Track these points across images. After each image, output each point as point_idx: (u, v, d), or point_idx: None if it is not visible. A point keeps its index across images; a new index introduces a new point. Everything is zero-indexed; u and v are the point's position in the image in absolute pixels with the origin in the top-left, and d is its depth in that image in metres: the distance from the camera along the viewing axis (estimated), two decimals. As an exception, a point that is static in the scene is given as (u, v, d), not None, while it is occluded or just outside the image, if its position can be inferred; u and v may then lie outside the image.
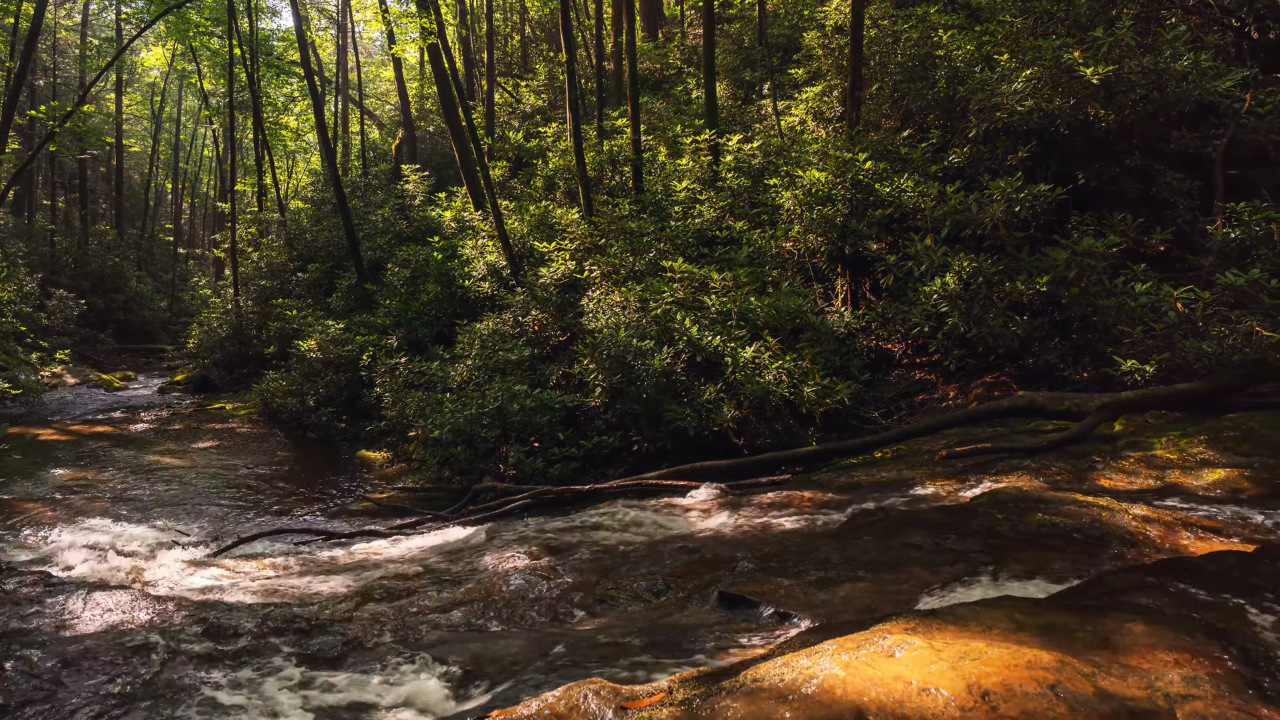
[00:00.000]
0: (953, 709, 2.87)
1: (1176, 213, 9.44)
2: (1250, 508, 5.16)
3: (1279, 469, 5.65)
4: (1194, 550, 4.49)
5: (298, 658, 4.56)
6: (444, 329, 15.12)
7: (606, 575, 6.00)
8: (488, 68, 25.03)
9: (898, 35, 13.36)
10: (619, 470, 9.51)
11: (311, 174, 42.33)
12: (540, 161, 20.76)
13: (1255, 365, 6.86)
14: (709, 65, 15.74)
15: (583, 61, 27.56)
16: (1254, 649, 3.20)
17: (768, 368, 8.84)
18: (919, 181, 9.89)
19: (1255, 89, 10.04)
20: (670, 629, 4.91)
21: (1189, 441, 6.19)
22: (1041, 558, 4.69)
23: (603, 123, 20.04)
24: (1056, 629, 3.37)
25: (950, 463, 6.86)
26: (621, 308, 11.00)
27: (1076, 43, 10.40)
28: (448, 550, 7.34)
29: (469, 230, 17.88)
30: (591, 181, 16.95)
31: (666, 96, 21.87)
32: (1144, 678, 2.99)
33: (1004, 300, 8.61)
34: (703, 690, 3.58)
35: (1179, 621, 3.39)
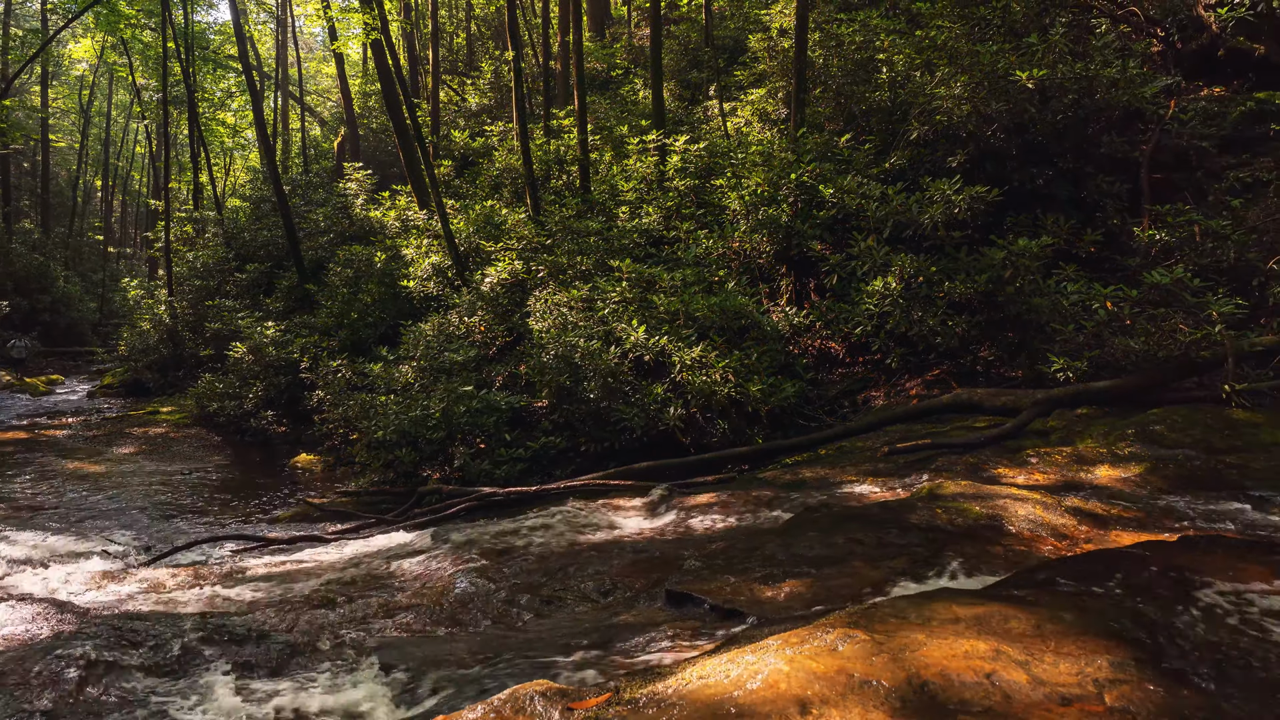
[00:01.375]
0: (893, 700, 2.91)
1: (1106, 214, 9.77)
2: (1174, 499, 5.36)
3: (1201, 461, 5.89)
4: (1121, 541, 4.65)
5: (234, 667, 4.43)
6: (388, 330, 14.88)
7: (554, 577, 5.96)
8: (433, 65, 24.69)
9: (841, 40, 13.57)
10: (566, 471, 9.46)
11: (250, 171, 41.26)
12: (486, 161, 20.58)
13: (1179, 361, 7.14)
14: (656, 66, 15.78)
15: (529, 61, 27.39)
16: (1176, 634, 3.32)
17: (714, 367, 8.89)
18: (862, 183, 10.06)
19: (1178, 96, 10.45)
20: (618, 628, 4.90)
21: (1117, 435, 6.41)
22: (979, 550, 4.80)
23: (549, 122, 19.94)
24: (992, 619, 3.45)
25: (892, 459, 6.99)
26: (568, 308, 10.96)
27: (1012, 49, 10.69)
28: (392, 555, 7.22)
29: (413, 230, 17.62)
30: (538, 181, 16.85)
31: (614, 97, 21.86)
32: (1075, 664, 3.08)
33: (943, 299, 8.81)
34: (649, 689, 3.58)
35: (1107, 610, 3.50)
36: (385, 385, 11.37)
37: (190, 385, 17.69)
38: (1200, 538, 4.52)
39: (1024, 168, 10.35)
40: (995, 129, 10.36)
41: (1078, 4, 12.15)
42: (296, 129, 39.20)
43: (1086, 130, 10.49)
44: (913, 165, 10.96)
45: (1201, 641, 3.26)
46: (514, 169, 18.54)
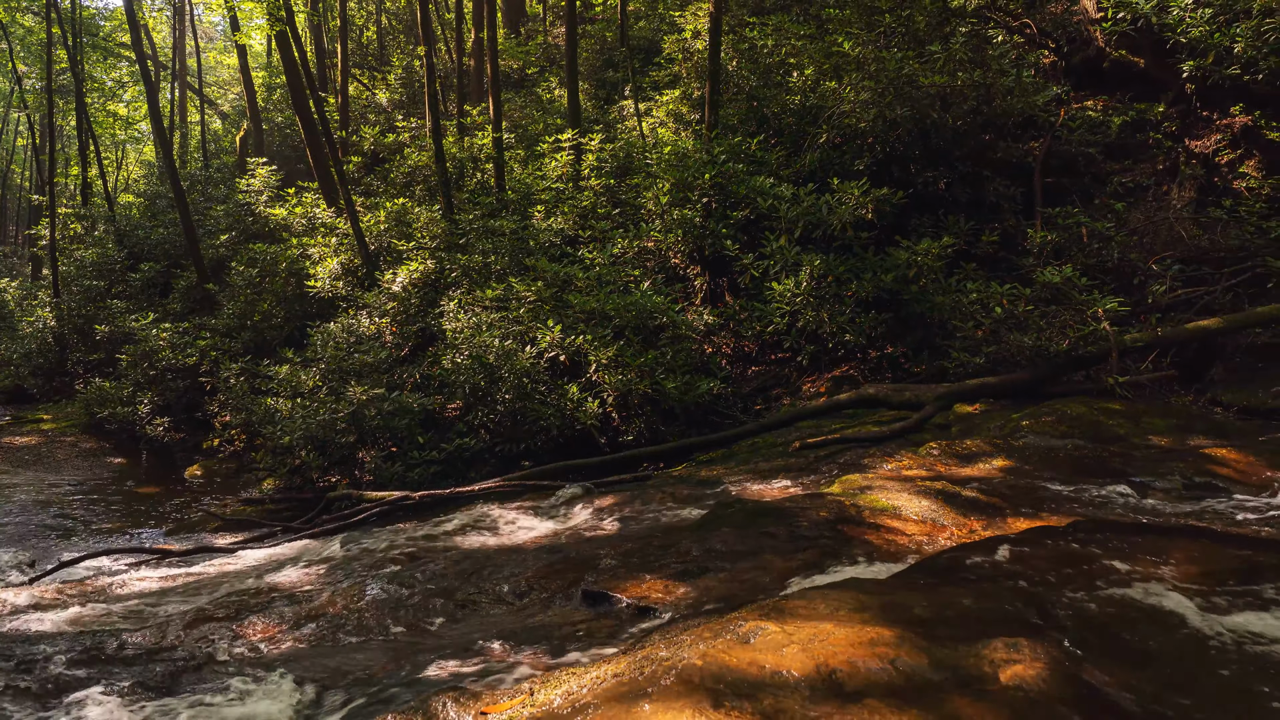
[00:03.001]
0: (803, 689, 2.97)
1: (1003, 216, 10.23)
2: (1065, 486, 5.64)
3: (1089, 450, 6.22)
4: (1016, 528, 4.86)
5: (122, 688, 4.19)
6: (294, 331, 14.38)
7: (468, 580, 5.87)
8: (341, 59, 23.97)
9: (753, 44, 13.81)
10: (482, 473, 9.33)
11: (145, 166, 39.24)
12: (398, 158, 20.10)
13: (1068, 356, 7.54)
14: (571, 65, 15.72)
15: (443, 57, 26.91)
16: (1066, 614, 3.48)
17: (630, 366, 8.91)
18: (774, 184, 10.25)
19: (1068, 105, 11.02)
20: (533, 630, 4.86)
21: (1012, 427, 6.72)
22: (884, 541, 4.95)
23: (463, 119, 19.64)
24: (897, 607, 3.55)
25: (803, 454, 7.15)
26: (483, 308, 10.81)
27: (915, 57, 11.09)
28: (298, 563, 6.97)
29: (321, 228, 17.07)
30: (452, 179, 16.57)
31: (529, 95, 21.68)
32: (972, 646, 3.19)
33: (852, 298, 9.07)
34: (563, 689, 3.55)
35: (1002, 593, 3.65)
36: (291, 388, 10.98)
37: (79, 391, 16.69)
38: (1088, 522, 4.77)
39: (927, 171, 10.74)
40: (900, 134, 10.72)
41: (976, 15, 12.69)
42: (195, 122, 37.46)
43: (985, 136, 10.97)
44: (823, 167, 11.23)
45: (1089, 620, 3.44)
46: (426, 167, 18.17)
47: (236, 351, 13.87)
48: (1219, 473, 5.45)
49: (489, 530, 6.90)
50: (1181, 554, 3.91)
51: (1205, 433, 6.23)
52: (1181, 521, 4.88)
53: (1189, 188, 9.81)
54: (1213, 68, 9.69)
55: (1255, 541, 4.28)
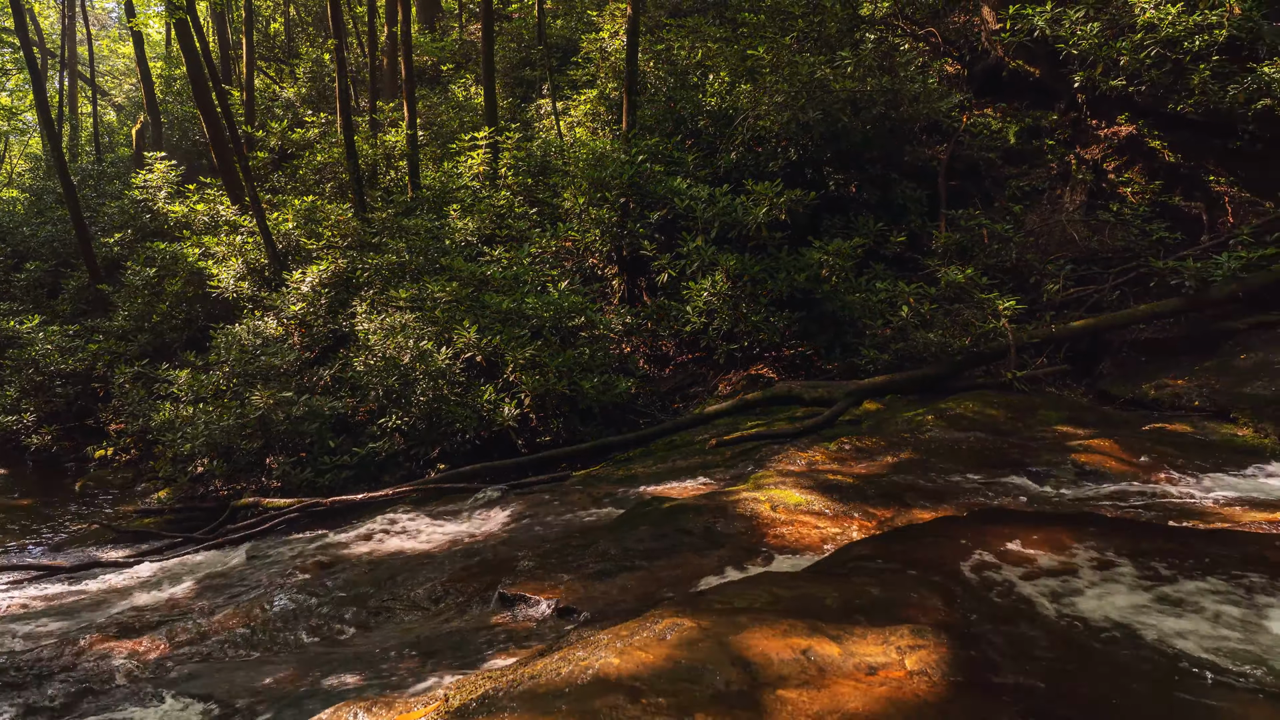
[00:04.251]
0: (718, 683, 3.00)
1: (910, 218, 10.58)
2: (967, 477, 5.88)
3: (989, 442, 6.50)
4: (923, 518, 5.03)
5: (10, 717, 3.93)
6: (197, 333, 13.76)
7: (382, 587, 5.74)
8: (247, 50, 23.05)
9: (671, 45, 13.91)
10: (396, 476, 9.12)
11: (30, 159, 36.90)
12: (307, 154, 19.45)
13: (970, 352, 7.86)
14: (488, 62, 15.52)
15: (354, 51, 26.19)
16: (967, 600, 3.62)
17: (548, 366, 8.86)
18: (691, 185, 10.34)
19: (970, 111, 11.48)
20: (449, 635, 4.78)
21: (919, 421, 6.97)
22: (798, 535, 5.05)
23: (376, 116, 19.16)
24: (810, 599, 3.63)
25: (720, 451, 7.24)
26: (397, 308, 10.57)
27: (827, 62, 11.36)
28: (201, 575, 6.69)
29: (225, 226, 16.38)
30: (364, 177, 16.14)
31: (444, 92, 21.31)
32: (880, 634, 3.29)
33: (767, 297, 9.23)
34: (480, 694, 3.50)
35: (908, 582, 3.77)
36: (193, 393, 10.50)
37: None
38: (989, 511, 4.98)
39: (838, 173, 11.03)
40: (812, 137, 10.97)
41: (883, 23, 13.10)
42: (87, 114, 35.45)
43: (893, 140, 11.33)
44: (738, 169, 11.40)
45: (988, 605, 3.58)
46: (337, 164, 17.64)
47: (132, 355, 13.17)
48: (1106, 462, 5.77)
49: (403, 535, 6.76)
50: (1072, 539, 4.11)
51: (1095, 424, 6.59)
52: (1073, 509, 5.14)
53: (1080, 192, 10.35)
54: (1101, 78, 10.24)
55: (1137, 526, 4.55)
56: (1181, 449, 5.89)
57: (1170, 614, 3.37)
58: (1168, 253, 8.79)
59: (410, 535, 6.76)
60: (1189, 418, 6.63)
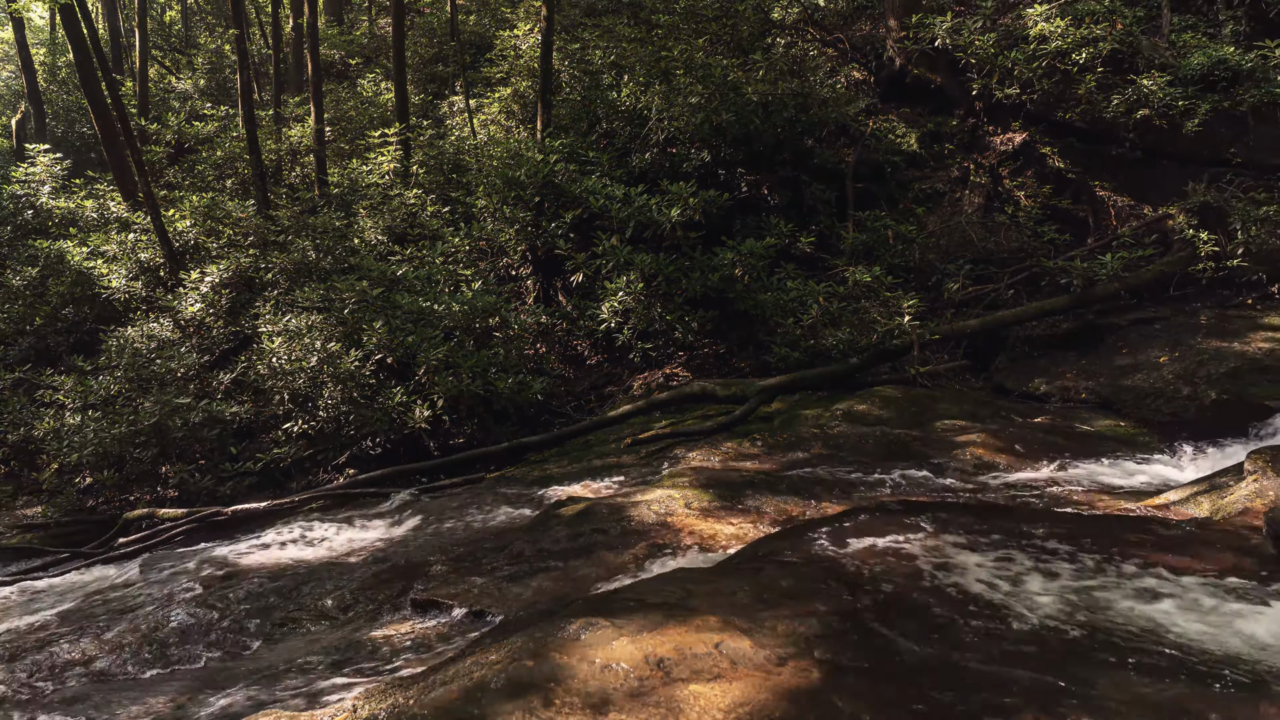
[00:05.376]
0: (632, 680, 3.01)
1: (819, 219, 10.86)
2: (873, 470, 6.07)
3: (894, 436, 6.73)
4: (831, 511, 5.17)
5: None
6: (85, 337, 13.01)
7: (288, 597, 5.55)
8: (140, 39, 21.91)
9: (586, 44, 13.90)
10: (304, 482, 8.84)
11: (-103, 151, 34.16)
12: (207, 149, 18.63)
13: (877, 349, 8.13)
14: (398, 57, 15.18)
15: (258, 42, 25.22)
16: (871, 590, 3.74)
17: (461, 367, 8.73)
18: (606, 184, 10.35)
19: (876, 116, 11.84)
20: (359, 644, 4.66)
21: (829, 417, 7.16)
22: (712, 530, 5.12)
23: (281, 110, 18.50)
24: (722, 593, 3.68)
25: (635, 449, 7.28)
26: (303, 309, 10.23)
27: (739, 65, 11.55)
28: (90, 592, 6.33)
29: (117, 223, 15.53)
30: (268, 173, 15.57)
31: (353, 87, 20.73)
32: (790, 625, 3.36)
33: (681, 296, 9.34)
34: (389, 703, 3.43)
35: (815, 574, 3.86)
36: (82, 399, 9.92)
37: None
38: (894, 503, 5.14)
39: (751, 175, 11.23)
40: (726, 138, 11.13)
41: (794, 28, 13.41)
42: (-39, 102, 33.04)
43: (803, 143, 11.60)
44: (654, 169, 11.47)
45: (890, 593, 3.70)
46: (239, 159, 16.95)
47: (13, 361, 12.35)
48: (1001, 454, 6.05)
49: (311, 544, 6.55)
50: (969, 526, 4.29)
51: (991, 418, 6.90)
52: (971, 499, 5.37)
53: (978, 195, 10.82)
54: (997, 87, 10.74)
55: (1030, 512, 4.78)
56: (1068, 440, 6.23)
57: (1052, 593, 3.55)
58: (1058, 253, 9.28)
59: (318, 543, 6.56)
60: (1076, 410, 7.01)
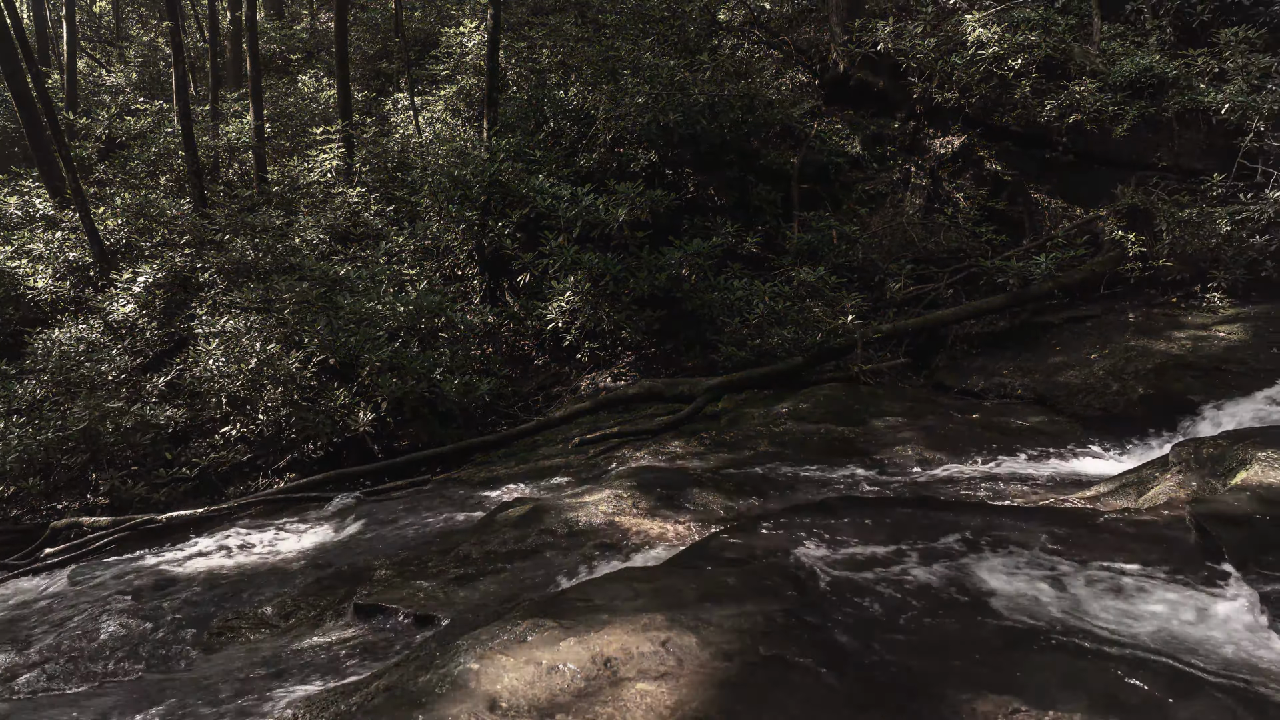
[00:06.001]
0: (579, 681, 3.00)
1: (765, 219, 10.97)
2: (818, 467, 6.17)
3: (838, 433, 6.84)
4: (776, 507, 5.23)
5: None
6: (9, 340, 12.48)
7: (225, 606, 5.42)
8: (68, 29, 21.11)
9: (533, 43, 13.84)
10: (243, 487, 8.62)
11: None
12: (140, 145, 18.02)
13: (821, 347, 8.26)
14: (341, 53, 14.91)
15: (194, 35, 24.49)
16: (815, 585, 3.79)
17: (406, 368, 8.61)
18: (553, 184, 10.31)
19: (820, 118, 12.01)
20: (300, 653, 4.57)
21: (775, 415, 7.26)
22: (659, 529, 5.13)
23: (218, 105, 17.99)
24: (669, 592, 3.69)
25: (582, 449, 7.27)
26: (242, 309, 9.97)
27: (686, 65, 11.61)
28: (14, 605, 6.08)
29: (43, 221, 14.93)
30: (205, 170, 15.14)
31: (294, 83, 20.28)
32: (736, 621, 3.39)
33: (629, 296, 9.35)
34: (332, 712, 3.38)
35: (761, 571, 3.90)
36: (5, 404, 9.51)
37: None
38: (837, 499, 5.23)
39: (698, 175, 11.29)
40: (673, 139, 11.18)
41: (740, 30, 13.52)
42: (-127, 93, 31.39)
43: (750, 144, 11.70)
44: (601, 168, 11.46)
45: (834, 587, 3.77)
46: (175, 155, 16.44)
47: (-70, 365, 11.78)
48: (940, 449, 6.20)
49: (250, 550, 6.39)
50: (909, 521, 4.39)
51: (931, 413, 7.06)
52: (911, 493, 5.48)
53: (919, 196, 11.06)
54: (937, 91, 10.98)
55: (967, 506, 4.90)
56: (1005, 435, 6.41)
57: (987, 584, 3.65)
58: (995, 253, 9.53)
59: (258, 549, 6.40)
60: (1012, 406, 7.22)
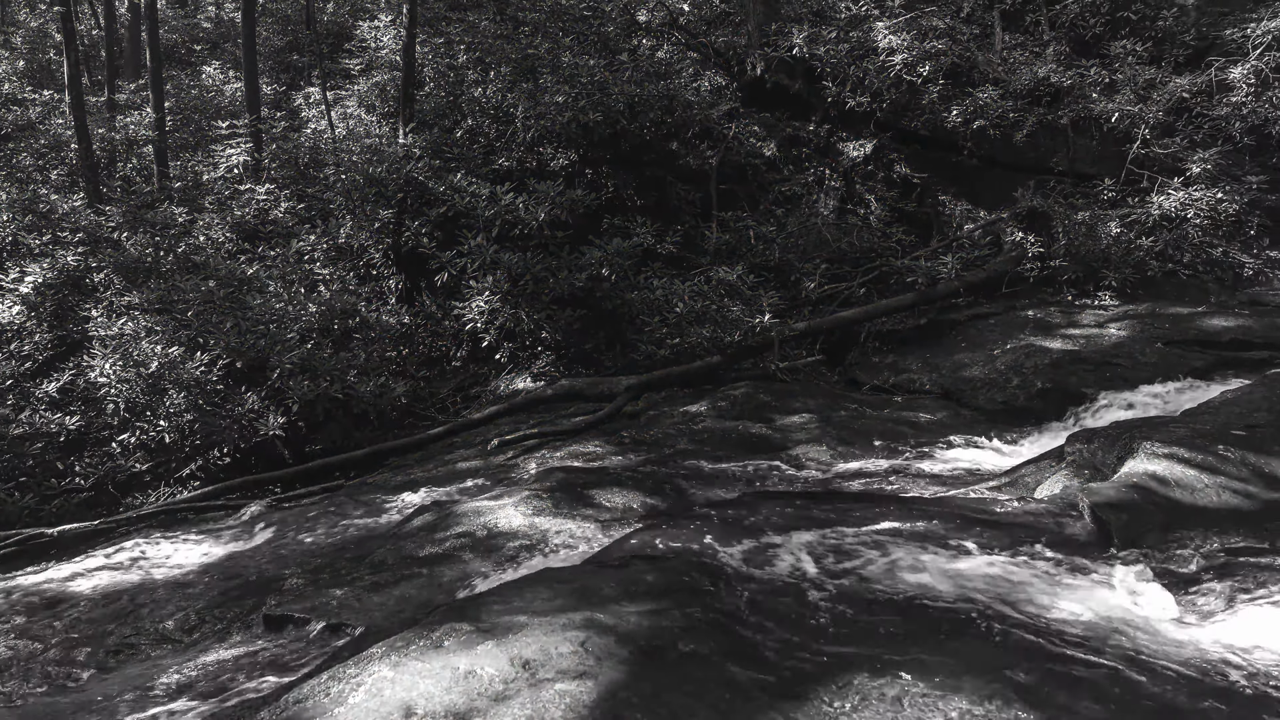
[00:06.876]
0: (497, 684, 2.98)
1: (685, 218, 11.10)
2: (737, 463, 6.27)
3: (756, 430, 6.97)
4: (697, 504, 5.29)
5: None
6: (-120, 344, 11.60)
7: (123, 622, 5.18)
8: (-58, 12, 19.77)
9: (450, 38, 13.63)
10: (144, 497, 8.23)
11: None
12: (27, 137, 17.00)
13: (739, 345, 8.40)
14: (249, 44, 14.39)
15: (88, 21, 23.23)
16: (732, 578, 3.86)
17: (319, 370, 8.38)
18: (472, 182, 10.18)
19: (738, 120, 12.19)
20: (206, 667, 4.41)
21: (694, 413, 7.36)
22: (580, 527, 5.13)
23: (115, 96, 17.13)
24: (588, 590, 3.69)
25: (501, 450, 7.21)
26: (142, 310, 9.53)
27: (607, 65, 11.63)
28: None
29: (-83, 217, 13.94)
30: (101, 165, 14.40)
31: (198, 75, 19.47)
32: (655, 619, 3.42)
33: (549, 296, 9.32)
34: (237, 727, 3.26)
35: (679, 566, 3.95)
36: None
37: None
38: (754, 494, 5.33)
39: (618, 175, 11.32)
40: (593, 138, 11.18)
41: (660, 31, 13.62)
42: None
43: (669, 144, 11.80)
44: (521, 167, 11.38)
45: (750, 581, 3.84)
46: (67, 148, 15.57)
47: None
48: (852, 443, 6.39)
49: (151, 563, 6.11)
50: (822, 515, 4.50)
51: (843, 409, 7.28)
52: (822, 487, 5.63)
53: (833, 198, 11.37)
54: (850, 95, 11.29)
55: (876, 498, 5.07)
56: (914, 429, 6.65)
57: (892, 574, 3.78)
58: (905, 253, 9.86)
59: (159, 562, 6.13)
60: (920, 401, 7.49)
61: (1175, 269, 9.32)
